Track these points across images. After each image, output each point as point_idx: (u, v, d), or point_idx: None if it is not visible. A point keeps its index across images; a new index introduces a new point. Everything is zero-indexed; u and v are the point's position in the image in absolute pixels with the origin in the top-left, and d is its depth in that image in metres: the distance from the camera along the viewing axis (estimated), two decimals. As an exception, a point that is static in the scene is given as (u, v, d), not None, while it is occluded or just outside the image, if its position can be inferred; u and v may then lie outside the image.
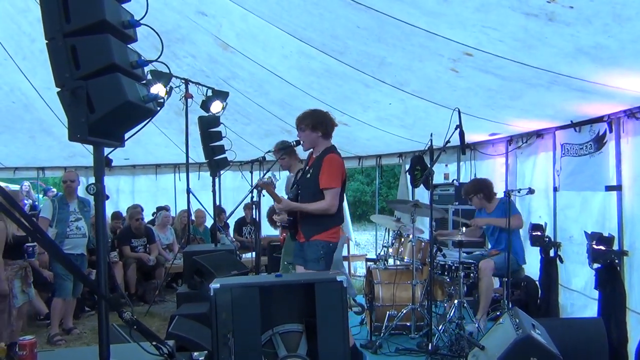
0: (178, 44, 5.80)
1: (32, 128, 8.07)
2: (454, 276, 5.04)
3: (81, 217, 5.55)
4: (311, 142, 4.03)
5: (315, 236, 3.86)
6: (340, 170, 3.92)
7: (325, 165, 3.87)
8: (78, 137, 2.00)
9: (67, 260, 2.40)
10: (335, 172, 3.86)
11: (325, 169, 3.85)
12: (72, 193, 5.60)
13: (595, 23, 2.95)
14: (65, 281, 5.34)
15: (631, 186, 4.51)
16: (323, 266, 3.82)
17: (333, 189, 3.82)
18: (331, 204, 3.81)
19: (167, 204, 9.99)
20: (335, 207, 3.84)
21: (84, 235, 5.56)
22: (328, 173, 3.84)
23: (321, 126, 3.98)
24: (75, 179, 5.68)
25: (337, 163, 3.92)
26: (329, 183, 3.82)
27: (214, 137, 6.50)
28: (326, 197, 3.83)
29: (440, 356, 4.47)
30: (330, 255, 3.93)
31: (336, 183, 3.84)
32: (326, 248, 3.86)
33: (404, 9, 3.57)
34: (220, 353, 2.68)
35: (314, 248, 3.84)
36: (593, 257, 4.25)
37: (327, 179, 3.83)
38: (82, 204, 5.66)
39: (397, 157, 9.29)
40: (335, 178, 3.84)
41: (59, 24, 1.97)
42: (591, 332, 3.67)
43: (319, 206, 3.86)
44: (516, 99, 4.83)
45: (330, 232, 3.91)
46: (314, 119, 3.99)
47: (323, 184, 3.83)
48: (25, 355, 2.11)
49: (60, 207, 5.45)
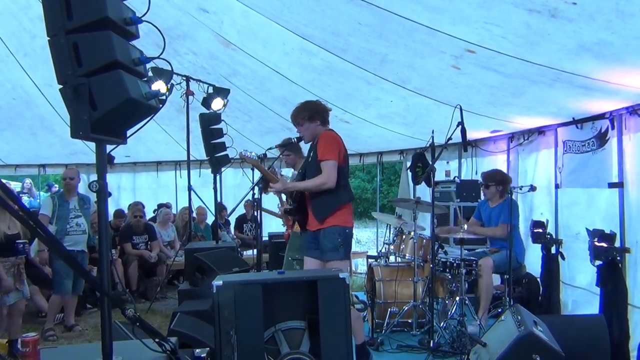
0: (179, 40, 5.79)
1: (33, 125, 8.07)
2: (456, 273, 5.04)
3: (81, 214, 5.56)
4: (312, 133, 3.99)
5: (329, 218, 3.76)
6: (336, 143, 3.82)
7: (320, 141, 3.83)
8: (80, 135, 1.99)
9: (69, 257, 2.39)
10: (330, 145, 3.77)
11: (320, 144, 3.80)
12: (72, 190, 5.60)
13: (598, 19, 2.94)
14: (64, 279, 5.34)
15: (634, 183, 4.51)
16: (342, 254, 3.73)
17: (329, 160, 3.71)
18: (328, 177, 3.69)
19: (168, 201, 10.00)
20: (333, 180, 3.70)
21: (84, 232, 5.57)
22: (323, 147, 3.78)
23: (318, 115, 3.97)
24: (75, 176, 5.67)
25: (331, 137, 3.84)
26: (323, 155, 3.74)
27: (215, 134, 6.50)
28: (323, 171, 3.73)
29: (441, 353, 4.48)
30: (348, 242, 3.83)
31: (332, 155, 3.73)
32: (343, 234, 3.76)
33: (406, 5, 3.56)
34: (223, 350, 2.69)
35: (331, 236, 3.73)
36: (595, 254, 4.24)
37: (322, 152, 3.76)
38: (82, 201, 5.65)
39: (398, 154, 9.28)
40: (330, 150, 3.74)
41: (61, 21, 1.96)
42: (593, 329, 3.66)
43: (315, 181, 3.76)
44: (518, 96, 4.82)
45: (344, 213, 3.81)
46: (309, 110, 3.98)
47: (320, 157, 3.76)
48: (29, 352, 2.11)
49: (60, 204, 5.44)
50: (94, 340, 5.31)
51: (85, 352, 2.39)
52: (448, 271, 5.10)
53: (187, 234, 7.30)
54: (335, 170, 3.73)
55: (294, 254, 4.80)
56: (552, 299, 5.30)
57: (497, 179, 5.52)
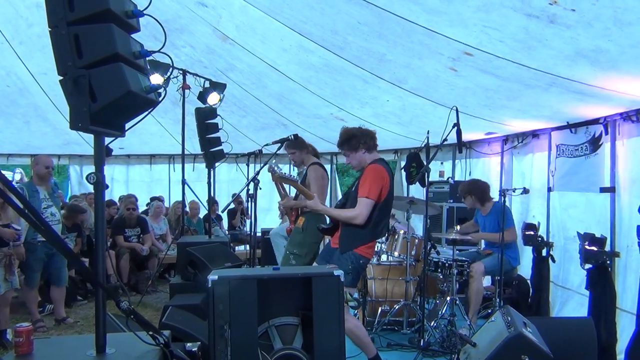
0: (176, 33, 5.77)
1: (27, 113, 8.00)
2: (447, 273, 5.08)
3: (52, 204, 5.38)
4: (360, 162, 3.97)
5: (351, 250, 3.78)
6: (380, 180, 3.78)
7: (366, 174, 3.82)
8: (80, 126, 1.99)
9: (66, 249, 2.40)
10: (373, 183, 3.75)
11: (365, 178, 3.79)
12: (49, 179, 5.47)
13: (596, 26, 2.96)
14: (35, 272, 5.23)
15: (626, 188, 4.55)
16: (349, 281, 3.69)
17: (366, 198, 3.71)
18: (359, 213, 3.70)
19: (161, 194, 9.98)
20: (364, 218, 3.70)
21: (59, 222, 5.44)
22: (366, 182, 3.76)
23: (361, 144, 3.93)
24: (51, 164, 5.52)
25: (376, 173, 3.80)
26: (364, 192, 3.74)
27: (210, 128, 6.49)
28: (358, 206, 3.73)
29: (431, 352, 4.51)
30: (358, 271, 3.83)
31: (371, 194, 3.72)
32: (356, 263, 3.76)
33: (405, 6, 3.57)
34: (216, 344, 2.70)
35: (344, 260, 3.73)
36: (585, 257, 4.29)
37: (363, 187, 3.76)
38: (51, 189, 5.50)
39: (392, 154, 9.33)
40: (371, 188, 3.73)
41: (62, 12, 1.96)
42: (581, 332, 3.70)
43: (346, 214, 3.78)
44: (513, 99, 4.85)
45: (365, 247, 3.81)
46: (352, 139, 3.94)
47: (360, 193, 3.76)
48: (22, 341, 2.11)
49: (30, 194, 5.12)
50: (85, 332, 5.30)
51: (79, 343, 2.38)
52: (440, 271, 5.14)
53: (179, 228, 7.28)
54: (368, 208, 3.71)
55: (293, 248, 4.82)
56: (542, 301, 5.35)
57: (467, 190, 5.61)
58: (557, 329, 3.69)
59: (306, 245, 4.83)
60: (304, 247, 4.82)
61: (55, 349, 2.29)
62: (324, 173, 4.99)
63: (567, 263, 5.39)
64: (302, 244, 4.81)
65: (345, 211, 3.84)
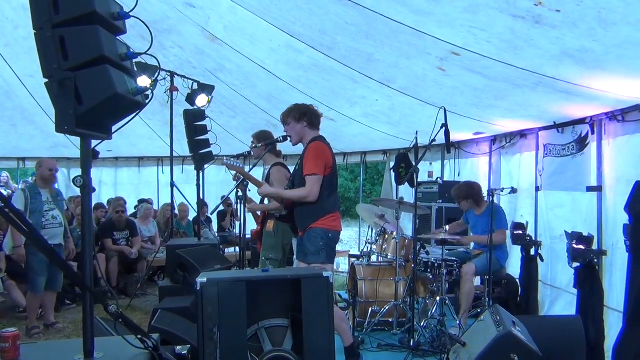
0: (165, 34, 5.75)
1: (13, 116, 7.93)
2: (437, 273, 5.10)
3: (55, 207, 5.36)
4: (298, 134, 4.00)
5: (311, 225, 3.78)
6: (322, 156, 3.81)
7: (307, 152, 3.84)
8: (66, 129, 1.97)
9: (51, 252, 2.37)
10: (315, 159, 3.77)
11: (307, 156, 3.81)
12: (53, 182, 5.46)
13: (581, 27, 3.00)
14: (39, 277, 5.18)
15: (612, 187, 4.60)
16: (324, 257, 3.72)
17: (313, 175, 3.73)
18: (310, 191, 3.72)
19: (150, 197, 9.93)
20: (315, 195, 3.72)
21: (61, 225, 5.41)
22: (309, 160, 3.78)
23: (305, 117, 3.96)
24: (56, 167, 5.52)
25: (318, 150, 3.83)
26: (308, 169, 3.75)
27: (199, 130, 6.46)
28: (306, 184, 3.75)
29: (421, 352, 4.53)
30: (331, 246, 3.81)
31: (317, 169, 3.74)
32: (325, 238, 3.76)
33: (392, 7, 3.58)
34: (206, 347, 2.68)
35: (313, 239, 3.75)
36: (573, 256, 4.33)
37: (307, 165, 3.77)
38: (55, 193, 5.48)
39: (381, 155, 9.34)
40: (315, 164, 3.75)
41: (47, 14, 1.94)
42: (570, 330, 3.73)
43: (297, 193, 3.81)
44: (501, 98, 4.88)
45: (328, 219, 3.81)
46: (298, 111, 3.99)
47: (305, 171, 3.78)
48: (8, 347, 2.08)
49: (32, 196, 5.18)
50: (74, 336, 5.25)
51: (67, 348, 2.36)
52: (429, 271, 5.16)
53: (169, 231, 7.25)
54: (318, 184, 3.74)
55: (268, 253, 4.71)
56: (531, 300, 5.39)
57: (463, 195, 5.65)
58: (545, 327, 3.72)
59: (279, 247, 4.75)
60: (278, 250, 4.76)
61: (43, 354, 2.27)
62: (287, 173, 4.86)
63: (554, 262, 5.44)
64: (275, 247, 4.72)
65: (296, 191, 3.85)
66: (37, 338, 5.14)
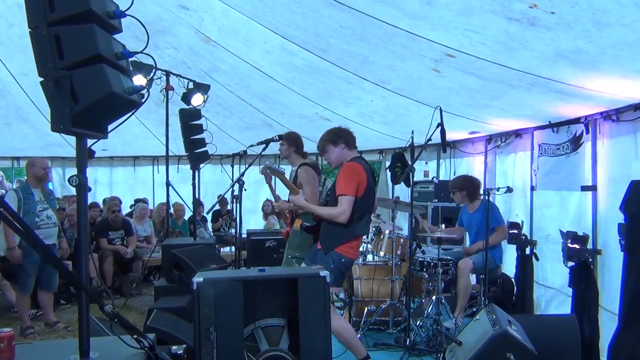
0: (159, 35, 5.74)
1: (7, 115, 7.89)
2: (433, 273, 5.12)
3: (48, 206, 5.31)
4: (338, 158, 3.97)
5: (333, 248, 3.76)
6: (356, 176, 3.76)
7: (341, 172, 3.82)
8: (61, 128, 1.96)
9: (47, 252, 2.36)
10: (348, 180, 3.73)
11: (340, 176, 3.78)
12: (47, 181, 5.42)
13: (575, 28, 3.01)
14: (30, 277, 5.16)
15: (606, 186, 4.62)
16: (332, 281, 3.60)
17: (345, 196, 3.69)
18: (342, 212, 3.67)
19: (145, 196, 9.90)
20: (347, 216, 3.68)
21: (55, 225, 5.36)
22: (340, 180, 3.75)
23: (340, 139, 3.95)
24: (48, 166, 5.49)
25: (352, 170, 3.79)
26: (340, 189, 3.72)
27: (194, 130, 6.45)
28: (339, 204, 3.70)
29: (417, 351, 4.53)
30: (341, 271, 3.79)
31: (347, 190, 3.70)
32: (337, 262, 3.74)
33: (386, 10, 3.59)
34: (202, 347, 2.68)
35: (326, 259, 3.73)
36: (568, 255, 4.35)
37: (339, 185, 3.75)
38: (47, 192, 5.43)
39: (377, 154, 9.35)
40: (346, 185, 3.71)
41: (43, 12, 1.93)
42: (564, 329, 3.75)
43: (329, 211, 3.77)
44: (496, 99, 4.89)
45: (348, 245, 3.79)
46: (333, 134, 3.98)
47: (337, 191, 3.75)
48: (3, 347, 2.07)
49: (25, 197, 5.09)
50: (68, 336, 5.24)
51: (62, 348, 2.35)
52: (425, 270, 5.17)
53: (164, 230, 7.23)
54: (349, 205, 3.69)
55: (294, 252, 4.71)
56: (526, 299, 5.41)
57: (459, 186, 5.67)
58: (541, 326, 3.74)
59: (306, 246, 4.74)
60: (305, 249, 4.75)
61: (38, 354, 2.25)
62: (314, 174, 4.93)
63: (542, 261, 5.47)
64: (301, 246, 4.68)
65: (329, 209, 3.82)
66: (31, 338, 5.13)
